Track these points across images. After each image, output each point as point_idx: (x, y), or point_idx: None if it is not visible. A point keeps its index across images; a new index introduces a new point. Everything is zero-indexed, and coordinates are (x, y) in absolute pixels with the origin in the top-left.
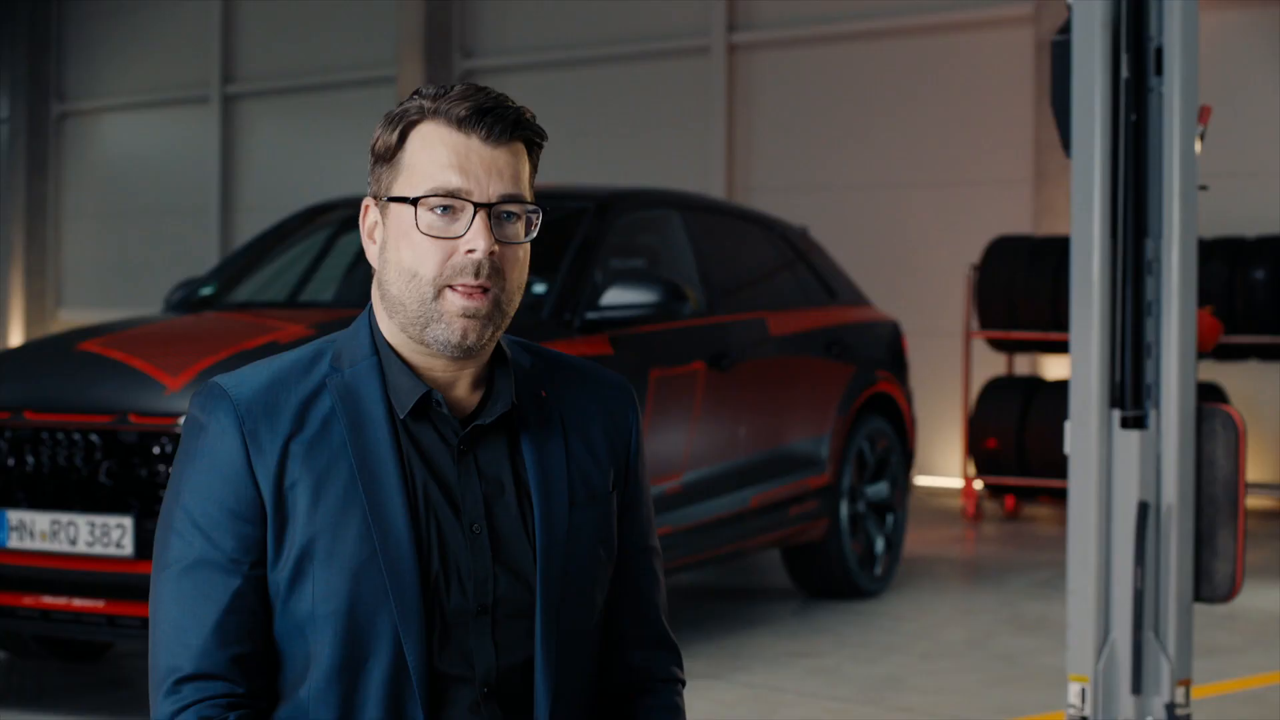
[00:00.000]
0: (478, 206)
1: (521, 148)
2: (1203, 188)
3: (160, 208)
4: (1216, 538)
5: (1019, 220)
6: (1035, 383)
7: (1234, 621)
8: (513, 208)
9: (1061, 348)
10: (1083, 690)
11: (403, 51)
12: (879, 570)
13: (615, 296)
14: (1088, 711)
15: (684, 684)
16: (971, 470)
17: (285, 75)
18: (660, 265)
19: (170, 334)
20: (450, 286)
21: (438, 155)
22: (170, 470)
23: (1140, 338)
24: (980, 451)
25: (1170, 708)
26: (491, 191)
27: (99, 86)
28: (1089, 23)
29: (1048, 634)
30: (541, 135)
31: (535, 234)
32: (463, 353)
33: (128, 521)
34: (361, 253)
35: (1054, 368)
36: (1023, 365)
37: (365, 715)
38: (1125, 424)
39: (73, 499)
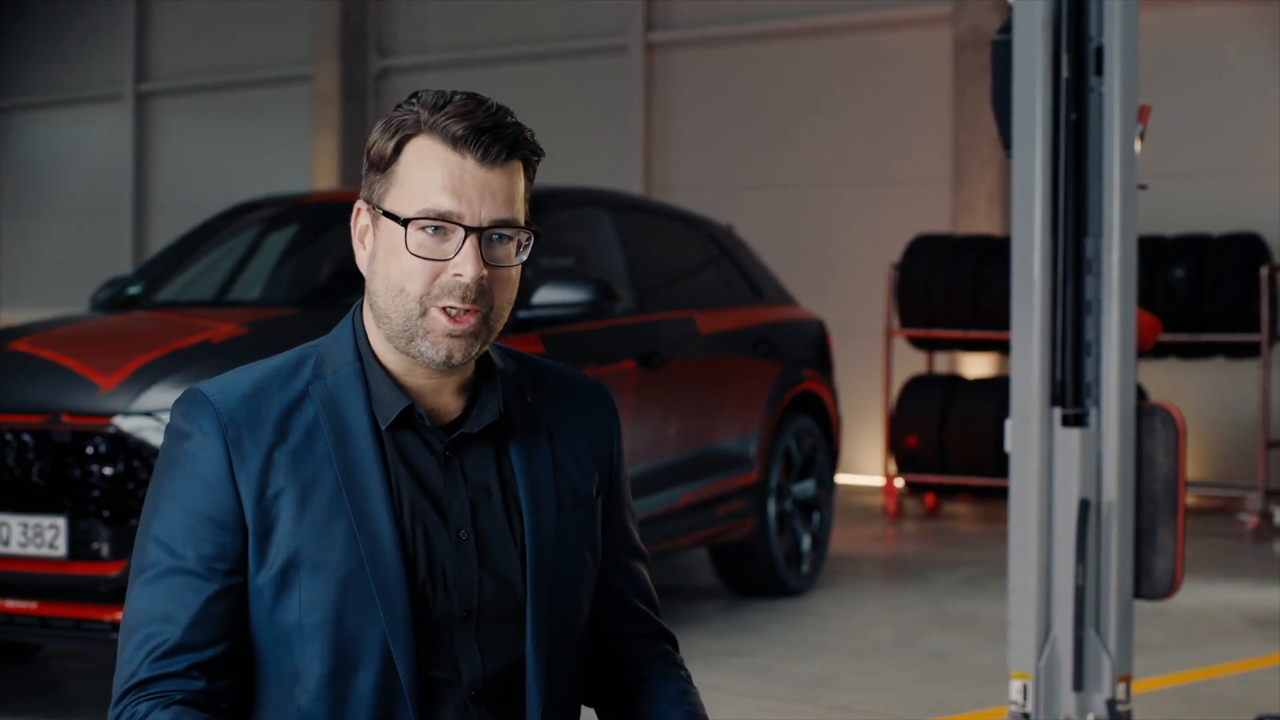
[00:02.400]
0: (468, 231)
1: (518, 166)
2: (1142, 187)
3: (74, 207)
4: (1156, 535)
5: (938, 219)
6: (955, 381)
7: (1163, 618)
8: (505, 231)
9: (981, 346)
10: (1024, 687)
11: (318, 50)
12: (805, 569)
13: (546, 295)
14: (1029, 708)
15: (689, 677)
16: (892, 468)
17: (199, 73)
18: (589, 264)
19: (101, 333)
20: (437, 306)
21: (431, 174)
22: (148, 475)
23: (1080, 336)
24: (901, 450)
25: (1111, 704)
26: (484, 215)
27: (11, 85)
28: (1030, 22)
29: (976, 631)
30: (539, 153)
31: (526, 256)
32: (447, 368)
33: (61, 522)
34: (287, 251)
35: (973, 366)
36: (942, 364)
37: None
38: (1066, 422)
39: (5, 499)
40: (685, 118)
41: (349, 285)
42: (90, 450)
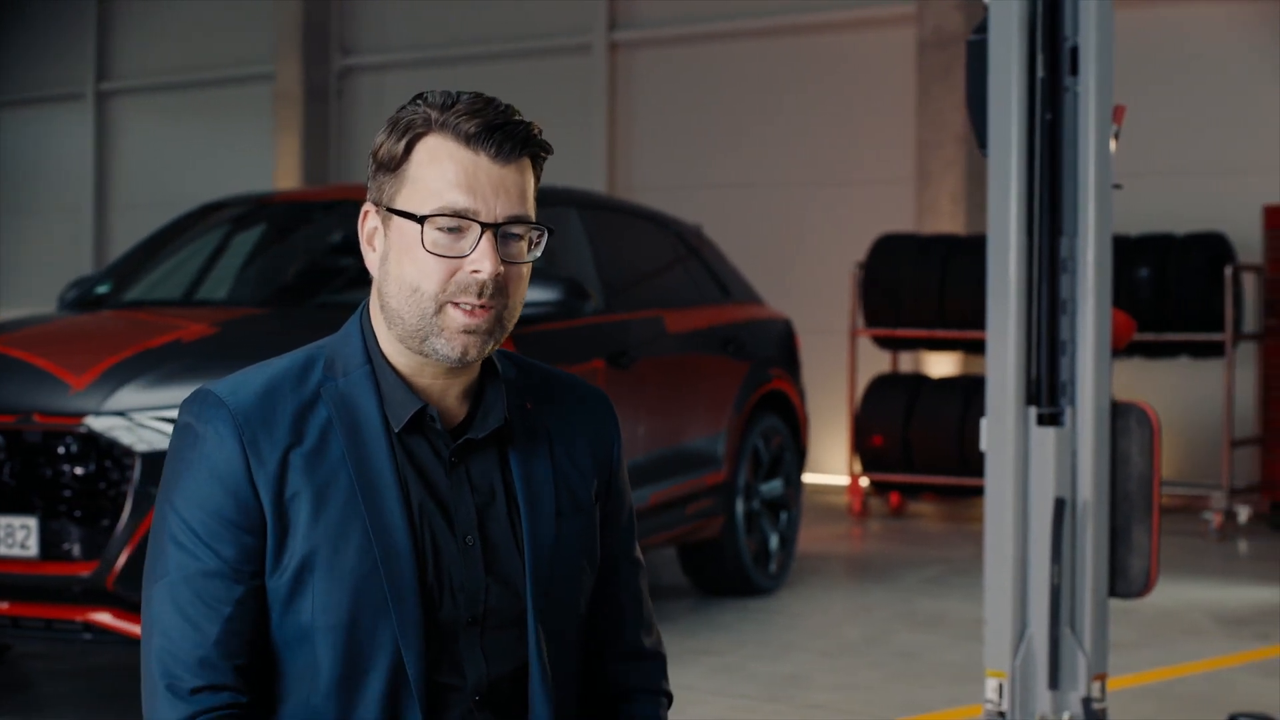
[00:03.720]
0: (484, 227)
1: (528, 164)
2: (1117, 186)
3: (36, 206)
4: (1131, 533)
5: (902, 219)
6: (920, 380)
7: (1131, 617)
8: (518, 229)
9: (945, 345)
10: (1000, 685)
11: (280, 49)
12: (773, 568)
13: None
14: (1005, 706)
15: (669, 697)
16: (857, 467)
17: (161, 72)
18: (558, 263)
19: (72, 333)
20: (452, 303)
21: (445, 172)
22: (161, 477)
23: (1055, 335)
24: (866, 449)
25: (1087, 702)
26: (499, 211)
27: None
28: (1005, 22)
29: (945, 630)
30: (548, 150)
31: (540, 253)
32: (461, 365)
33: (32, 522)
34: (255, 251)
35: (937, 365)
36: (906, 363)
37: None
38: (1041, 421)
39: None
40: (649, 117)
41: (317, 285)
42: (61, 450)
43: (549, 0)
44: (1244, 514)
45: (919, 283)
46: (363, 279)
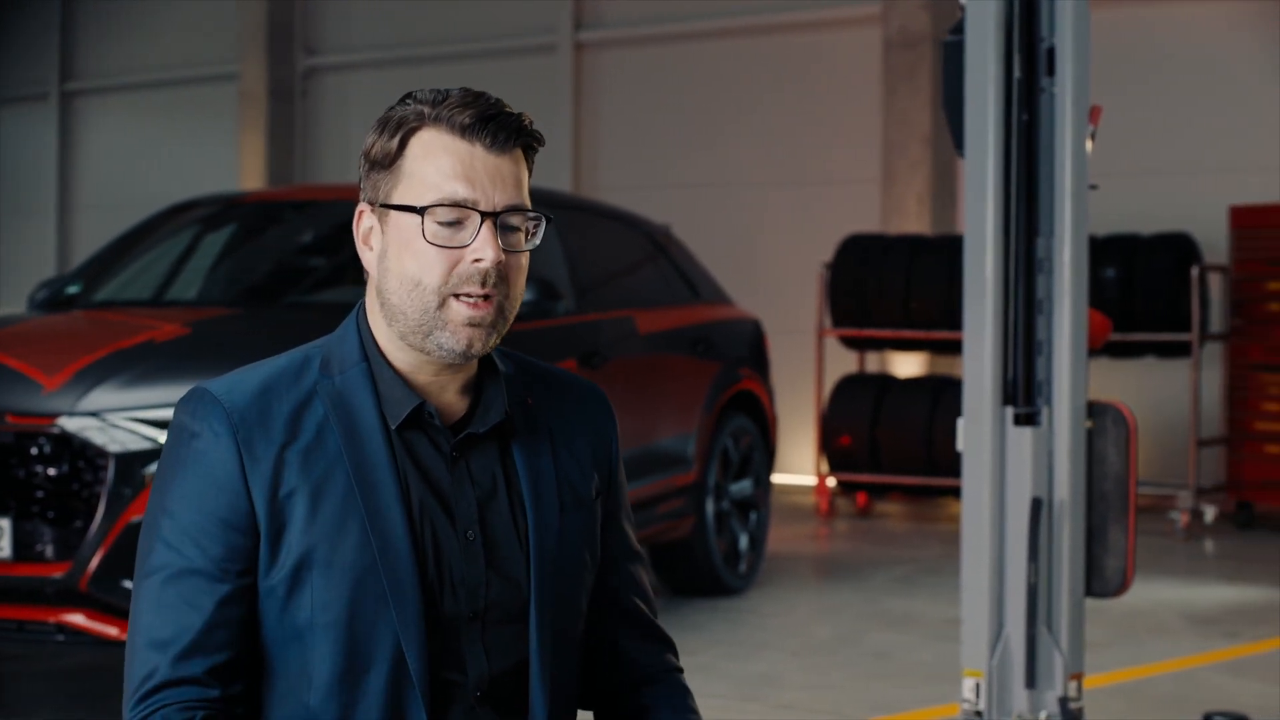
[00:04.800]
0: (484, 216)
1: (521, 154)
2: (1093, 187)
3: None
4: (1108, 533)
5: (868, 219)
6: (887, 380)
7: (1100, 616)
8: (516, 218)
9: (911, 346)
10: (977, 685)
11: (244, 48)
12: (743, 568)
13: None
14: (982, 706)
15: (683, 673)
16: (824, 467)
17: (125, 72)
18: (530, 263)
19: (43, 333)
20: (455, 296)
21: (441, 164)
22: (154, 474)
23: (1032, 336)
24: (833, 449)
25: (1063, 701)
26: (497, 200)
27: None
28: (982, 23)
29: (915, 630)
30: (540, 140)
31: (538, 241)
32: (466, 360)
33: (5, 523)
34: (225, 251)
35: (903, 365)
36: (872, 363)
37: None
38: (1018, 421)
39: None
40: (614, 117)
41: (288, 285)
42: (34, 451)
43: (514, 0)
44: (1210, 513)
45: (885, 283)
46: (333, 279)
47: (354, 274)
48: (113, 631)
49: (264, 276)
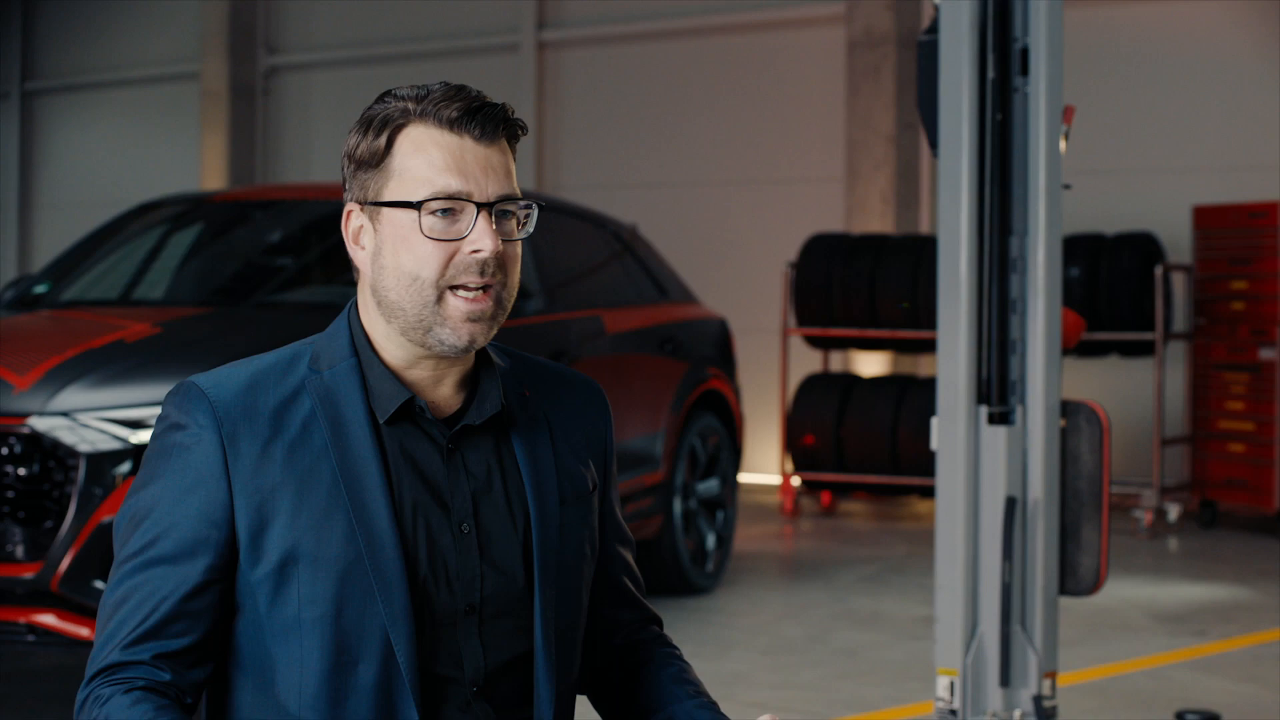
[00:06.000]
0: (480, 206)
1: (506, 143)
2: (1066, 186)
3: None
4: (1081, 532)
5: (832, 218)
6: (851, 380)
7: (1067, 614)
8: (509, 206)
9: (876, 345)
10: (951, 683)
11: (206, 48)
12: (710, 567)
13: None
14: (957, 704)
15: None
16: (789, 466)
17: (87, 71)
18: None
19: (12, 333)
20: (452, 290)
21: (433, 158)
22: (138, 464)
23: (1006, 335)
24: (797, 448)
25: (1038, 699)
26: (490, 191)
27: None
28: (956, 23)
29: (883, 629)
30: (525, 129)
31: (531, 229)
32: (465, 354)
33: None
34: (193, 250)
35: (867, 364)
36: (837, 362)
37: (357, 718)
38: (992, 420)
39: None
40: (577, 117)
41: (255, 284)
42: (5, 451)
43: (477, 0)
44: (1174, 512)
45: (849, 282)
46: (302, 278)
47: (323, 273)
48: (84, 632)
49: (232, 276)
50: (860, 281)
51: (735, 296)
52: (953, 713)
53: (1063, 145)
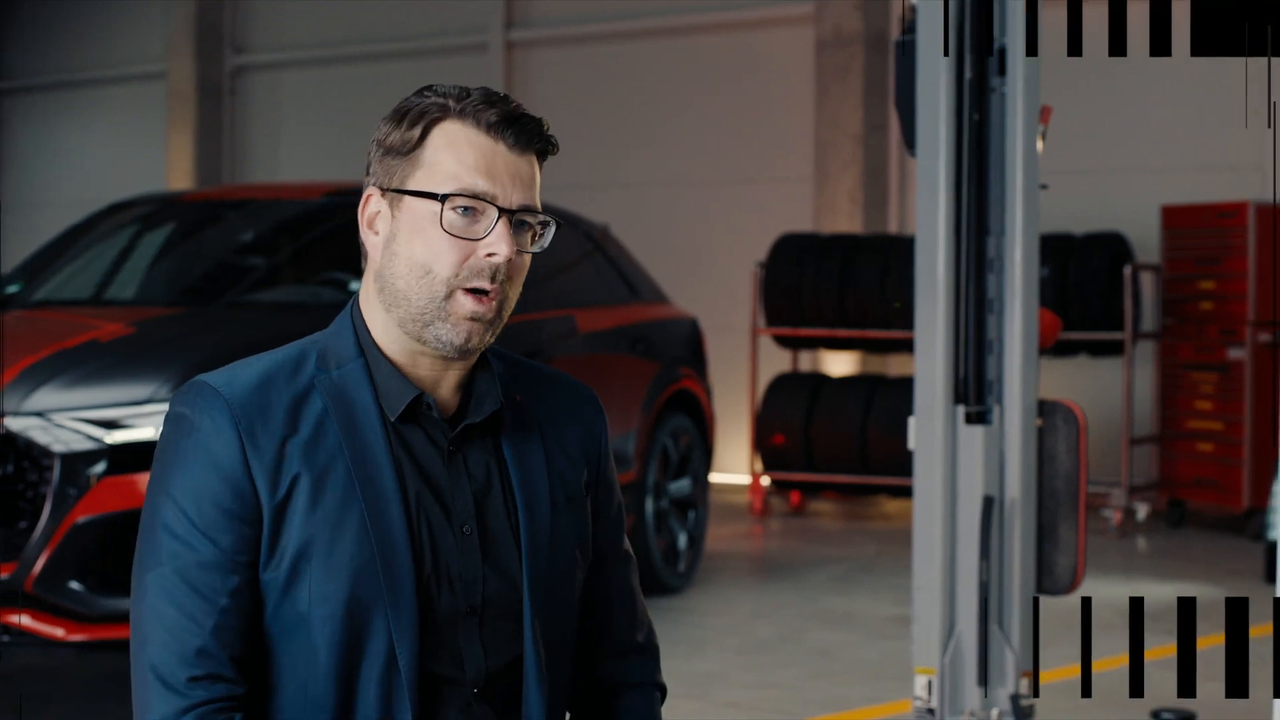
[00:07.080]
0: (501, 211)
1: (536, 158)
2: (1044, 186)
3: None
4: (1058, 531)
5: (801, 218)
6: (821, 379)
7: (1042, 613)
8: (529, 218)
9: (845, 345)
10: (929, 682)
11: (173, 47)
12: (682, 567)
13: None
14: (934, 703)
15: (663, 690)
16: (758, 466)
17: (53, 71)
18: None
19: None
20: (462, 289)
21: (464, 156)
22: (153, 468)
23: (983, 334)
24: (767, 447)
25: (1015, 698)
26: (514, 199)
27: None
28: (933, 23)
29: (856, 628)
30: (556, 147)
31: (545, 244)
32: (461, 354)
33: None
34: (164, 249)
35: (836, 364)
36: (806, 362)
37: (359, 716)
38: (969, 419)
39: None
40: (546, 117)
41: (227, 284)
42: None
43: None
44: (1142, 511)
45: (818, 282)
46: (274, 278)
47: (295, 273)
48: (59, 633)
49: (204, 276)
50: (829, 281)
51: (705, 296)
52: (930, 711)
53: (1040, 145)
